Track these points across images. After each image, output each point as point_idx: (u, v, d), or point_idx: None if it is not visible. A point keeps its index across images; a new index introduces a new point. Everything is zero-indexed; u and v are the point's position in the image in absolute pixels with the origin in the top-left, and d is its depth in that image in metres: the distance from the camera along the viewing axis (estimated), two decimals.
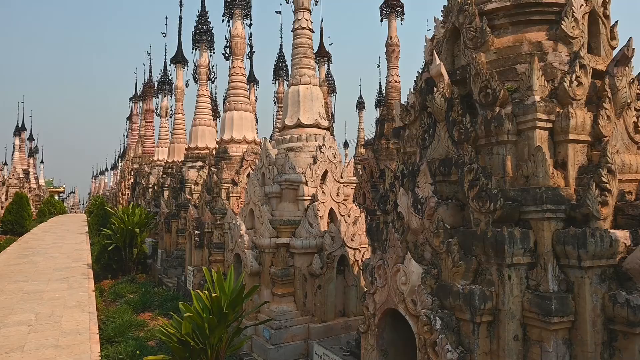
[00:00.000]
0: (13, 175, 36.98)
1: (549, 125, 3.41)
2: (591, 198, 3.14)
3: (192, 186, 12.67)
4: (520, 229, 3.19)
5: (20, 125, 45.67)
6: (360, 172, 12.71)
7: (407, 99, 4.69)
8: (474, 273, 3.32)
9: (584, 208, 3.14)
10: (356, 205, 7.51)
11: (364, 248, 6.92)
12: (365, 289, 4.19)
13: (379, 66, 22.59)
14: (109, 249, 12.94)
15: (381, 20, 13.28)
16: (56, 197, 56.19)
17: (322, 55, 16.87)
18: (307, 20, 7.92)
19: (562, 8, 3.73)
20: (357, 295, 6.77)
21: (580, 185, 3.34)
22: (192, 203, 11.77)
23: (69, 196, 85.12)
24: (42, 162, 56.82)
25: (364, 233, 6.95)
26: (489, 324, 3.20)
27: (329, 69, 18.52)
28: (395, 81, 12.79)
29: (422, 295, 3.39)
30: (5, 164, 42.41)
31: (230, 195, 9.94)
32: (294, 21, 7.97)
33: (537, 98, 3.36)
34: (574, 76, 3.44)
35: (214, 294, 4.79)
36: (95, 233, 21.70)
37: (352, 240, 6.75)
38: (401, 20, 13.15)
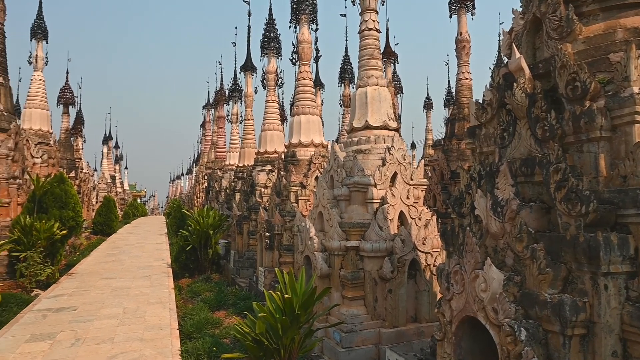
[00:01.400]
0: (102, 180, 40.49)
1: None
2: None
3: (262, 189, 13.04)
4: (617, 234, 2.90)
5: (107, 135, 49.94)
6: (430, 174, 12.36)
7: (483, 96, 4.46)
8: (563, 281, 3.07)
9: None
10: (427, 208, 7.30)
11: (436, 252, 6.70)
12: (440, 295, 4.04)
13: (448, 64, 21.95)
14: (186, 249, 13.67)
15: (450, 16, 12.85)
16: (138, 201, 60.43)
17: (388, 55, 16.67)
18: (373, 21, 7.85)
19: None
20: (429, 301, 6.56)
21: None
22: (262, 206, 12.10)
23: (149, 199, 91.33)
24: (126, 167, 61.64)
25: (436, 237, 6.74)
26: (582, 337, 2.93)
27: (395, 69, 18.27)
28: (466, 78, 12.31)
29: (504, 304, 3.20)
30: (95, 170, 46.36)
31: (299, 198, 10.09)
32: (361, 22, 7.93)
33: (636, 90, 3.04)
34: None
35: (286, 295, 4.87)
36: (173, 234, 23.06)
37: (423, 244, 6.56)
38: (472, 15, 12.64)
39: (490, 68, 18.48)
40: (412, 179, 7.09)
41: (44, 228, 11.83)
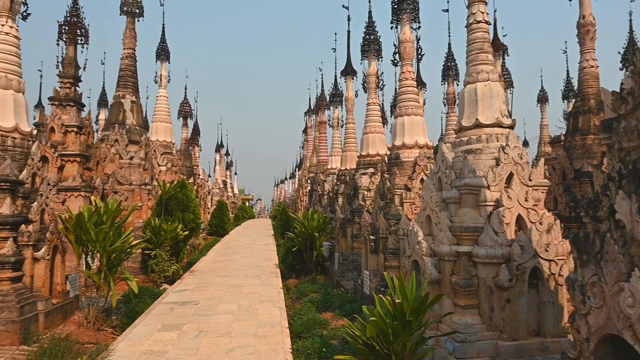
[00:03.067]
0: (215, 185, 44.04)
1: None
2: None
3: (365, 192, 13.04)
4: None
5: (219, 143, 54.17)
6: (548, 174, 11.29)
7: (621, 84, 3.92)
8: None
9: None
10: (547, 211, 6.65)
11: (561, 260, 6.06)
12: (570, 308, 3.62)
13: (566, 52, 19.86)
14: (292, 250, 14.20)
15: None
16: (247, 204, 64.47)
17: (497, 48, 15.61)
18: (482, 12, 7.40)
19: None
20: (554, 314, 5.95)
21: None
22: (366, 209, 12.09)
23: (256, 203, 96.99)
24: (235, 173, 66.32)
25: (561, 243, 6.11)
26: None
27: (504, 62, 17.08)
28: (592, 66, 11.00)
29: None
30: (210, 176, 50.50)
31: (404, 201, 9.88)
32: (468, 16, 7.53)
33: None
34: None
35: (397, 300, 4.76)
36: (279, 236, 24.17)
37: (546, 250, 5.98)
38: None
39: (619, 53, 16.36)
40: (530, 180, 6.52)
41: (170, 229, 13.14)
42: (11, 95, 8.38)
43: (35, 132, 9.32)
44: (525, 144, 32.39)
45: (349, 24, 20.73)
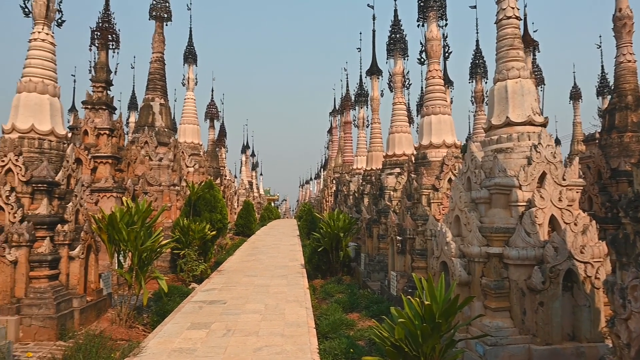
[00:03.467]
0: (242, 186, 44.59)
1: None
2: None
3: (391, 192, 12.92)
4: None
5: (245, 144, 54.83)
6: (582, 173, 10.91)
7: None
8: None
9: None
10: (582, 212, 6.43)
11: (598, 262, 5.84)
12: (609, 312, 3.48)
13: (600, 47, 19.17)
14: (318, 250, 14.20)
15: None
16: (272, 204, 64.99)
17: (528, 44, 15.19)
18: (512, 8, 7.22)
19: None
20: (590, 318, 5.74)
21: None
22: (392, 209, 11.98)
23: (281, 203, 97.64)
24: (261, 174, 66.95)
25: (597, 244, 5.89)
26: None
27: (535, 58, 16.63)
28: (629, 61, 10.56)
29: None
30: (236, 177, 51.17)
31: (431, 201, 9.74)
32: (498, 11, 7.36)
33: None
34: None
35: (426, 302, 4.69)
36: (304, 236, 24.24)
37: (581, 252, 5.78)
38: None
39: None
40: (564, 179, 6.32)
41: (198, 229, 13.35)
42: (47, 100, 8.69)
43: (69, 135, 9.65)
44: (557, 142, 31.48)
45: (374, 23, 20.59)
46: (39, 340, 7.30)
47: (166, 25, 18.38)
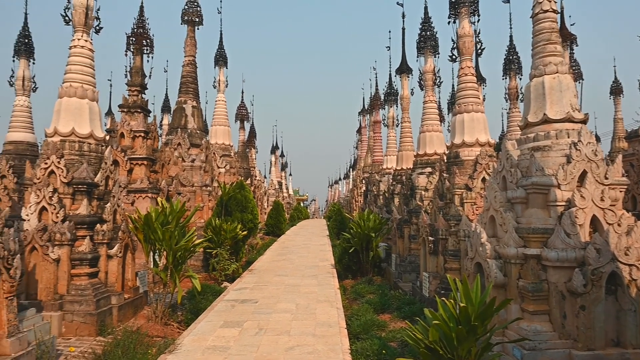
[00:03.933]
0: (271, 186, 44.97)
1: None
2: None
3: (423, 192, 12.72)
4: None
5: (274, 145, 55.40)
6: (625, 171, 10.45)
7: None
8: None
9: None
10: (626, 212, 6.15)
11: None
12: None
13: None
14: (349, 251, 14.16)
15: None
16: (301, 204, 65.28)
17: (565, 38, 14.65)
18: (549, 1, 6.98)
19: None
20: (636, 323, 5.48)
21: None
22: (424, 209, 11.80)
23: (310, 203, 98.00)
24: (290, 174, 67.37)
25: None
26: None
27: (572, 52, 16.03)
28: None
29: None
30: (265, 177, 51.68)
31: (464, 201, 9.54)
32: (534, 5, 7.13)
33: None
34: None
35: (461, 304, 4.59)
36: (334, 236, 24.24)
37: (626, 254, 5.52)
38: None
39: None
40: (606, 178, 6.06)
41: (230, 229, 13.55)
42: (87, 104, 9.02)
43: (107, 137, 9.98)
44: (597, 139, 30.26)
45: (403, 21, 20.38)
46: (80, 336, 7.58)
47: (197, 29, 18.74)
